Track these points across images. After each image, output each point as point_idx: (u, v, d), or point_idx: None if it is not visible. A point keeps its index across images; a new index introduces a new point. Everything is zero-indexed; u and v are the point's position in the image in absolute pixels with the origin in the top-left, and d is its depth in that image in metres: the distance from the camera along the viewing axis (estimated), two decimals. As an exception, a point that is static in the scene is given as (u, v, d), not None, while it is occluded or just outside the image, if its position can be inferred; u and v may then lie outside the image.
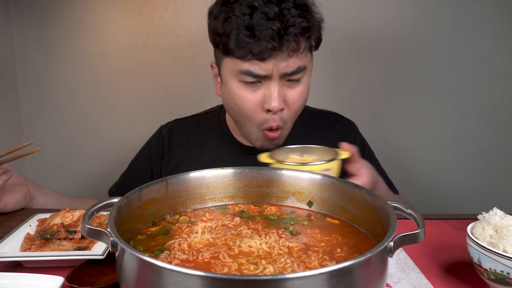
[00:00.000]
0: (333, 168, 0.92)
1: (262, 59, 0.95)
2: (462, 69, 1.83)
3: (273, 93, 0.98)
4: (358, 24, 1.80)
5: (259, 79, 0.99)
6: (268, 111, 1.00)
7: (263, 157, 0.94)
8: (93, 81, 1.89)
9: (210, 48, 1.87)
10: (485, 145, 1.90)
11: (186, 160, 1.17)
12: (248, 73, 0.98)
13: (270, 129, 1.04)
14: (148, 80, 1.88)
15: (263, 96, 1.00)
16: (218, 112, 1.25)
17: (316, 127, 1.23)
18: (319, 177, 0.79)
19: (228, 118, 1.21)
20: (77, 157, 1.96)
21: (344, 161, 0.95)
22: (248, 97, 1.00)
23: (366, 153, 1.24)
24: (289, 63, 0.98)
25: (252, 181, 0.82)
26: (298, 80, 1.02)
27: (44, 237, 0.82)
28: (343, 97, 1.87)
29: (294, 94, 1.03)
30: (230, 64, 1.00)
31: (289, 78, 1.01)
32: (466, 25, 1.79)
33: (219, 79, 1.10)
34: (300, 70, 1.00)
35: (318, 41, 1.05)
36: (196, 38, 1.83)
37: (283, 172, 0.82)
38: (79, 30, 1.83)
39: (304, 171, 0.81)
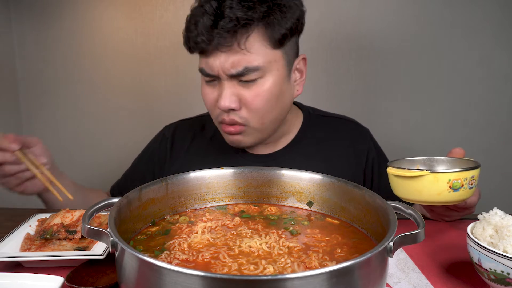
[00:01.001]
0: (477, 175, 0.80)
1: (202, 53, 0.97)
2: (462, 69, 1.83)
3: (223, 92, 0.98)
4: (358, 24, 1.80)
5: (214, 79, 1.00)
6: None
7: (394, 170, 0.81)
8: (93, 81, 1.89)
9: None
10: (485, 145, 1.90)
11: (189, 165, 1.16)
12: (201, 71, 1.01)
13: (224, 122, 1.03)
14: (148, 80, 1.88)
15: (218, 94, 1.00)
16: None
17: (325, 132, 1.18)
18: (319, 177, 0.79)
19: None
20: (77, 157, 1.96)
21: None
22: (208, 93, 1.02)
23: (382, 161, 1.18)
24: (233, 63, 0.94)
25: (252, 181, 0.82)
26: (253, 81, 0.97)
27: (44, 237, 0.82)
28: (343, 97, 1.87)
29: (249, 94, 0.97)
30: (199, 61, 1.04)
31: (240, 79, 0.97)
32: (466, 25, 1.79)
33: None
34: (249, 70, 0.95)
35: (283, 35, 0.96)
36: (196, 38, 1.83)
37: (283, 172, 0.82)
38: (79, 30, 1.83)
39: (305, 172, 0.81)
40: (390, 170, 0.81)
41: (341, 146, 1.16)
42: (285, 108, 1.06)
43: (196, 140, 1.19)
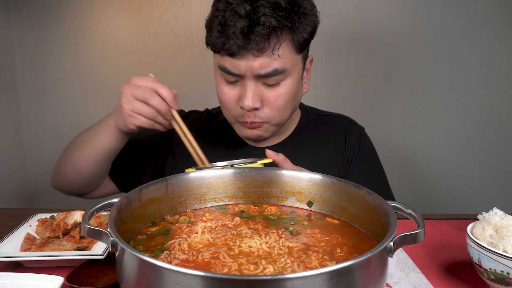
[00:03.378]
0: None
1: (231, 55, 0.97)
2: (462, 69, 1.83)
3: (247, 92, 1.00)
4: (358, 24, 1.80)
5: (237, 79, 1.02)
6: (242, 108, 1.03)
7: (188, 170, 0.91)
8: (93, 81, 1.89)
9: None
10: (485, 145, 1.90)
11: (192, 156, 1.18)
12: (223, 69, 1.01)
13: (245, 122, 1.06)
14: (148, 80, 1.87)
15: (239, 93, 1.03)
16: None
17: (319, 129, 1.24)
18: (319, 177, 0.79)
19: None
20: (77, 157, 1.95)
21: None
22: (227, 91, 1.04)
23: (361, 161, 1.21)
24: (263, 64, 0.97)
25: (252, 181, 0.82)
26: (277, 84, 1.01)
27: None
28: (343, 97, 1.87)
29: (272, 95, 1.02)
30: (215, 59, 1.06)
31: (265, 80, 1.00)
32: (466, 25, 1.79)
33: None
34: (277, 73, 0.99)
35: (305, 41, 1.02)
36: (196, 38, 1.83)
37: (283, 172, 0.82)
38: (79, 30, 1.83)
39: (304, 172, 0.81)
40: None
41: (332, 143, 1.22)
42: (297, 105, 1.13)
43: (201, 132, 1.23)
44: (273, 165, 0.92)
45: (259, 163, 0.89)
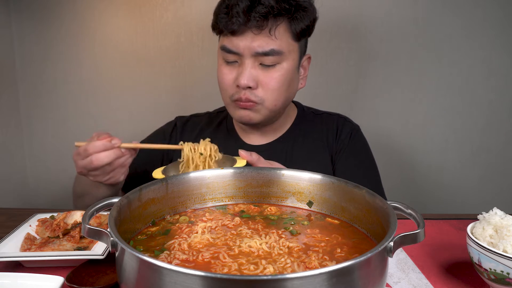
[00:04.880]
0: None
1: (232, 32, 1.06)
2: (462, 69, 1.83)
3: (244, 70, 1.08)
4: (358, 24, 1.80)
5: (236, 59, 1.09)
6: (238, 86, 1.10)
7: (156, 173, 0.96)
8: (93, 81, 1.89)
9: (210, 48, 1.87)
10: (485, 145, 1.90)
11: None
12: (224, 48, 1.09)
13: (240, 100, 1.12)
14: (148, 80, 1.88)
15: (237, 74, 1.11)
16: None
17: (314, 127, 1.28)
18: (319, 177, 0.79)
19: None
20: (77, 157, 1.95)
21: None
22: (225, 72, 1.13)
23: (347, 154, 1.24)
24: (261, 43, 1.05)
25: (252, 181, 0.82)
26: (273, 66, 1.08)
27: None
28: (343, 97, 1.87)
29: (267, 76, 1.09)
30: (219, 43, 1.14)
31: (262, 60, 1.07)
32: (466, 25, 1.78)
33: None
34: (274, 53, 1.06)
35: (302, 31, 1.10)
36: (196, 38, 1.83)
37: (283, 172, 0.82)
38: (79, 30, 1.83)
39: (304, 172, 0.81)
40: (155, 175, 0.97)
41: (325, 139, 1.26)
42: (291, 96, 1.19)
43: (202, 134, 1.29)
44: (248, 166, 0.93)
45: (235, 166, 0.90)
